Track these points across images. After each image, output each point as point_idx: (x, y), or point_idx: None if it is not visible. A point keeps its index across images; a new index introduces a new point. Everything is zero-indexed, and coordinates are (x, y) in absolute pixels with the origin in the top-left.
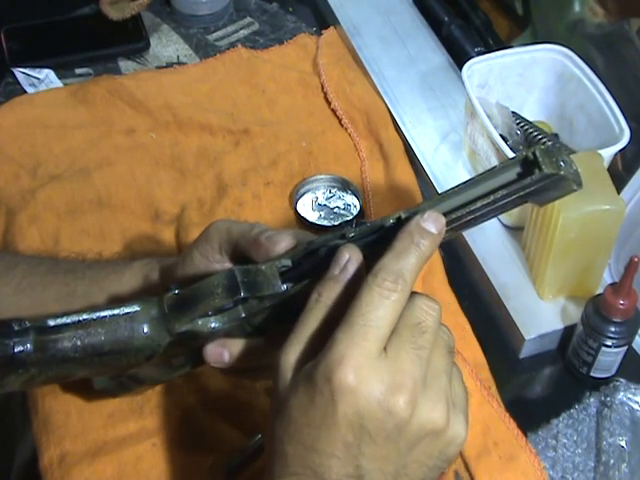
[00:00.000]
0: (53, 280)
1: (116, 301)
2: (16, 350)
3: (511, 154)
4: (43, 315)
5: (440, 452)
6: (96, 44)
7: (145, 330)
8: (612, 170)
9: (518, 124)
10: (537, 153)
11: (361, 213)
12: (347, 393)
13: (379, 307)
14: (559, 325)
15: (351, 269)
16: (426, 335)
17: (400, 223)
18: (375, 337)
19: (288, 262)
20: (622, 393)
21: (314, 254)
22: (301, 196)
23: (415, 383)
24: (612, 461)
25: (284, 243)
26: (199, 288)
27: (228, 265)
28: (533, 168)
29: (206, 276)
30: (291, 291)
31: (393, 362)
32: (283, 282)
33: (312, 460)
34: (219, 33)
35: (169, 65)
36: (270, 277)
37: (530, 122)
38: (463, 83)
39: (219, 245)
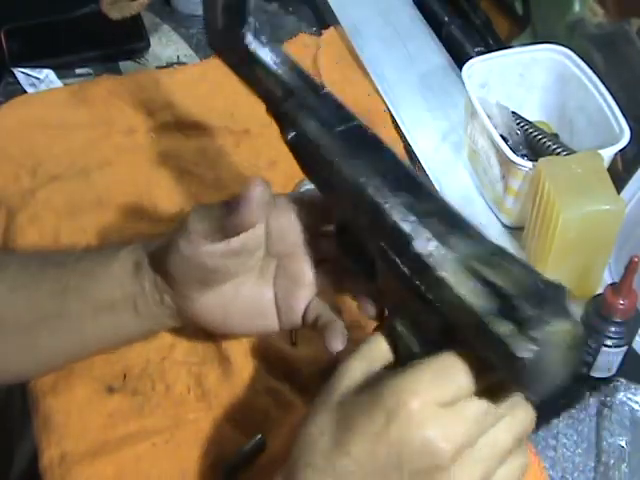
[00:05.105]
0: (44, 277)
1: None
2: None
3: (511, 154)
4: None
5: None
6: (96, 44)
7: None
8: (612, 170)
9: (518, 124)
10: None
11: None
12: (404, 417)
13: (466, 373)
14: None
15: None
16: (497, 411)
17: None
18: (454, 392)
19: None
20: (622, 393)
21: None
22: None
23: (466, 442)
24: (612, 461)
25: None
26: None
27: (216, 249)
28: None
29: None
30: None
31: (456, 416)
32: None
33: (339, 460)
34: None
35: (169, 65)
36: None
37: (530, 122)
38: (463, 83)
39: (203, 232)
